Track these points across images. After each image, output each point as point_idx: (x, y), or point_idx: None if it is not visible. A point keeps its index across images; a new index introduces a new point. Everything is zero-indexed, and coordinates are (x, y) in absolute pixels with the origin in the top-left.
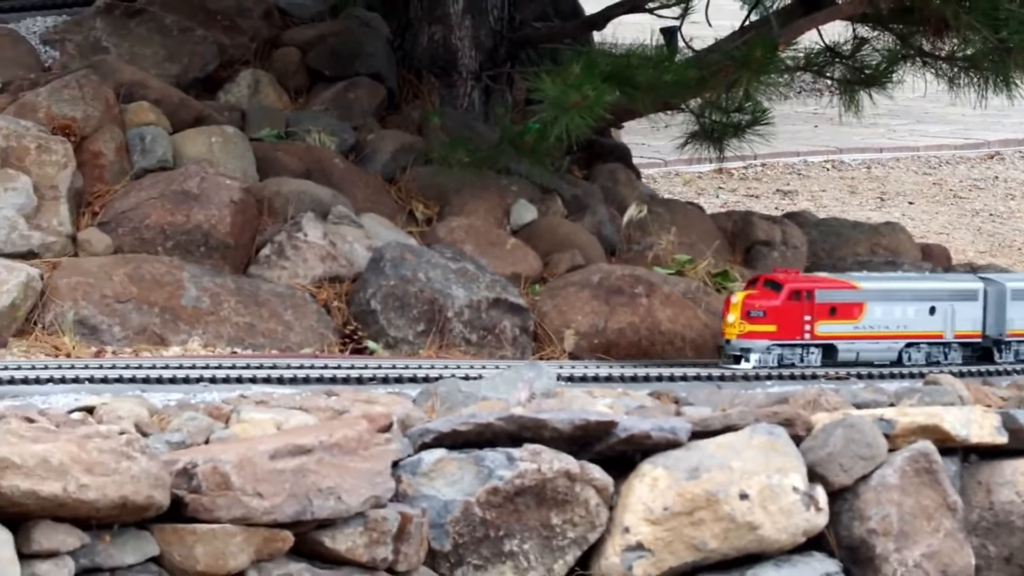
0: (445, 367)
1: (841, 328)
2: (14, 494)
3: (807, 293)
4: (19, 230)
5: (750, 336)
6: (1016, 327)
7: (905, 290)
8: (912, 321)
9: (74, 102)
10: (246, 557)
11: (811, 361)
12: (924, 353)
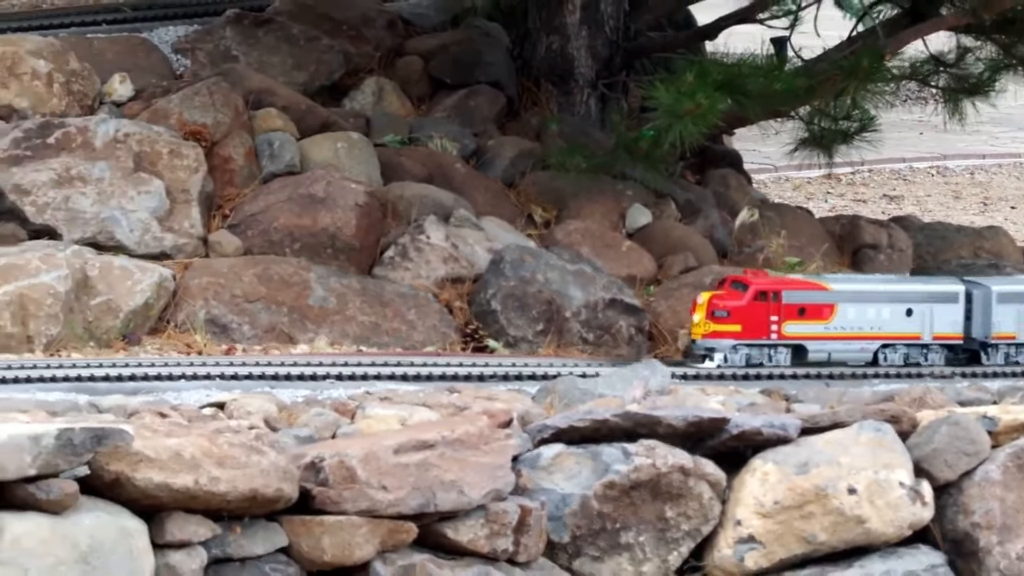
0: (563, 365)
1: (811, 328)
2: (148, 487)
3: (774, 294)
4: (152, 232)
5: (714, 336)
6: (1002, 330)
7: (880, 292)
8: (887, 322)
9: (205, 109)
10: (371, 548)
11: (779, 361)
12: (901, 354)
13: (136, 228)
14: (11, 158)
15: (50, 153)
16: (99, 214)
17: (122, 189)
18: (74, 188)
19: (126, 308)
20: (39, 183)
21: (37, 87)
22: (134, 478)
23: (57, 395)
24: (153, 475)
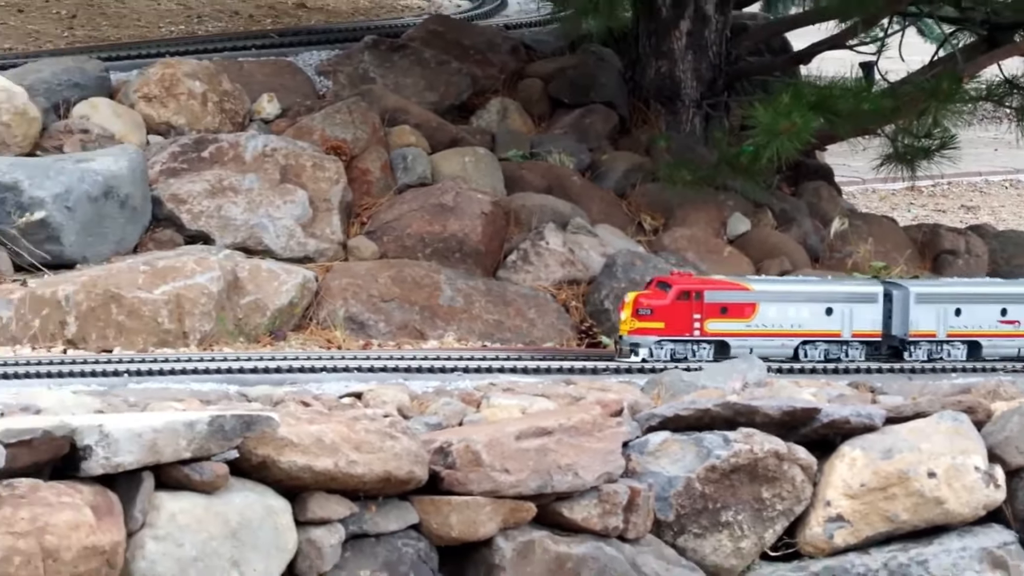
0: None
1: (732, 326)
2: (292, 469)
3: (696, 294)
4: (297, 238)
5: (639, 332)
6: (920, 328)
7: (800, 292)
8: (807, 321)
9: (345, 126)
10: (494, 525)
11: (702, 356)
12: (821, 350)
13: (282, 234)
14: (169, 170)
15: (204, 166)
16: (248, 221)
17: (269, 199)
18: (226, 198)
19: (273, 307)
20: (194, 193)
21: (193, 106)
22: (279, 461)
23: (210, 385)
24: (296, 458)
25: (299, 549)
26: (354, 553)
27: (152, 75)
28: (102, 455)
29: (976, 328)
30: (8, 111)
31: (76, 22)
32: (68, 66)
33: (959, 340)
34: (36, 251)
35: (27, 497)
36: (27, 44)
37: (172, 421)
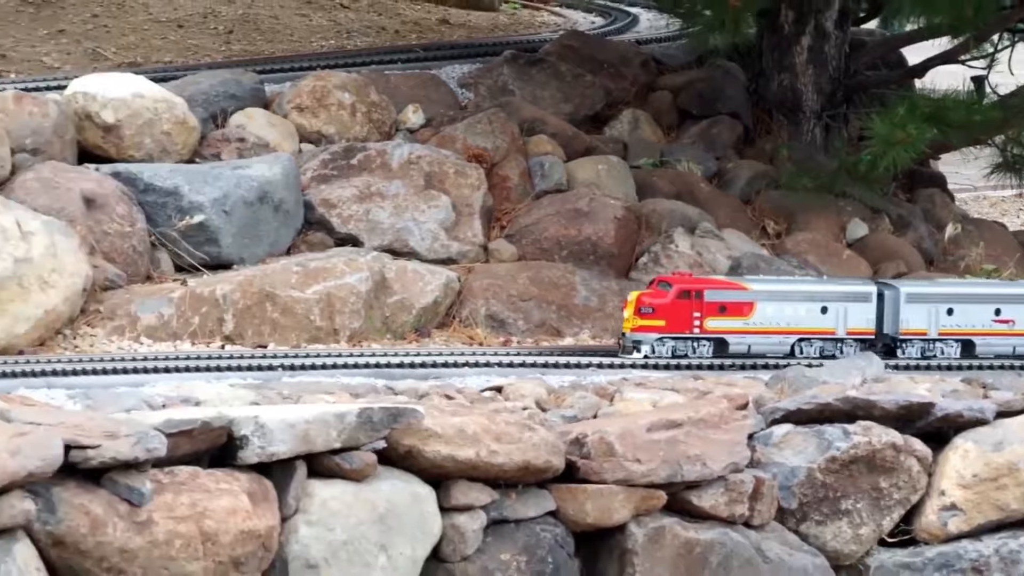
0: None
1: (731, 324)
2: (436, 458)
3: (696, 293)
4: (440, 240)
5: (641, 330)
6: (910, 326)
7: (796, 292)
8: (804, 319)
9: (485, 135)
10: (627, 512)
11: (702, 353)
12: (816, 347)
13: (426, 237)
14: (320, 177)
15: (353, 172)
16: (395, 225)
17: (415, 203)
18: (373, 203)
19: (418, 305)
20: (344, 198)
21: (342, 116)
22: (424, 451)
23: (359, 379)
24: (440, 448)
25: (443, 534)
26: (495, 538)
27: (304, 87)
28: (258, 445)
29: (969, 327)
30: (169, 121)
31: (233, 37)
32: (225, 78)
33: (952, 339)
34: (195, 252)
35: (187, 484)
36: (187, 58)
37: (323, 413)
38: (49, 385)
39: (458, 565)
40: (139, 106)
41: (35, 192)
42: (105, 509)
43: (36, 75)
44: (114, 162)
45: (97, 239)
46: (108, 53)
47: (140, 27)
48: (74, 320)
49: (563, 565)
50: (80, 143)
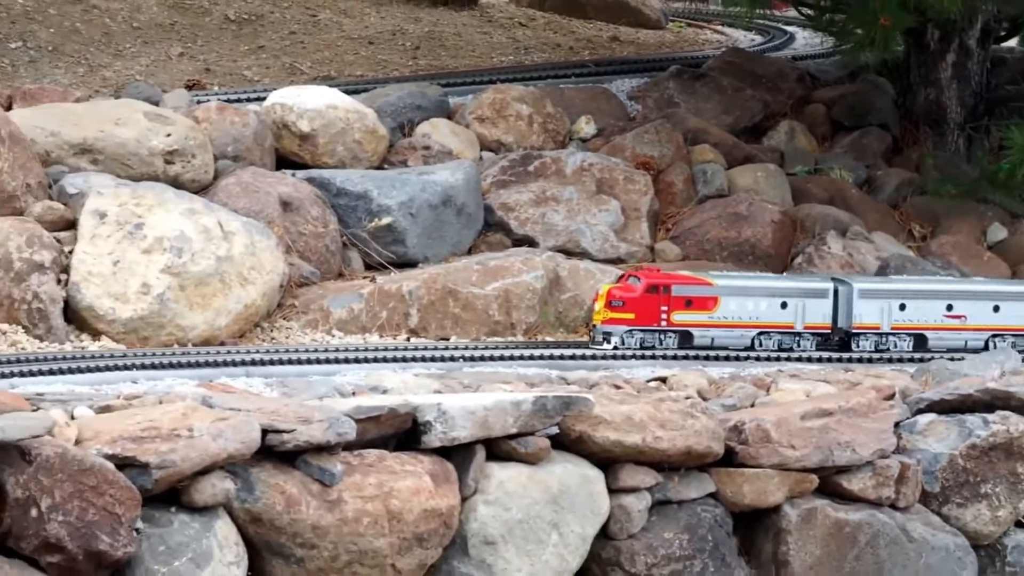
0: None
1: (696, 317)
2: (605, 443)
3: (664, 287)
4: (610, 241)
5: (611, 322)
6: (863, 321)
7: (758, 287)
8: (764, 313)
9: (652, 144)
10: (781, 494)
11: (668, 344)
12: (775, 340)
13: (597, 238)
14: (499, 182)
15: (530, 178)
16: (568, 227)
17: (586, 207)
18: (548, 206)
19: (589, 301)
20: (521, 202)
21: (520, 126)
22: (594, 436)
23: (534, 370)
24: (609, 434)
25: (611, 513)
26: (659, 517)
27: (485, 99)
28: (440, 430)
29: (921, 322)
30: (360, 130)
31: (419, 53)
32: (412, 91)
33: (904, 333)
34: (383, 252)
35: (375, 466)
36: (376, 72)
37: (501, 401)
38: (248, 374)
39: (625, 542)
40: (332, 116)
41: (236, 195)
42: (299, 489)
43: (237, 88)
44: (309, 168)
45: (293, 239)
46: (304, 67)
47: (334, 43)
48: (271, 314)
49: (722, 543)
50: (278, 150)
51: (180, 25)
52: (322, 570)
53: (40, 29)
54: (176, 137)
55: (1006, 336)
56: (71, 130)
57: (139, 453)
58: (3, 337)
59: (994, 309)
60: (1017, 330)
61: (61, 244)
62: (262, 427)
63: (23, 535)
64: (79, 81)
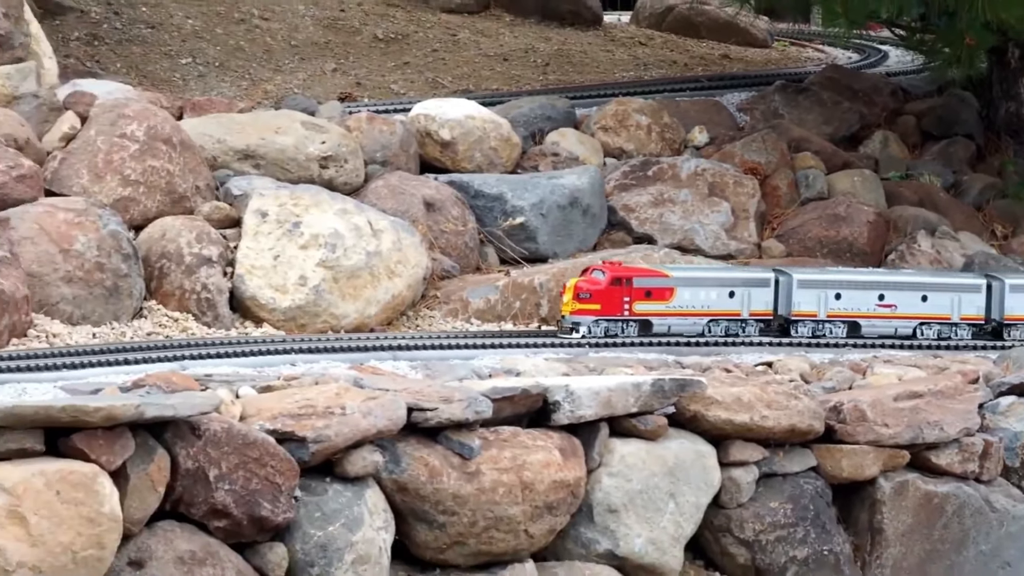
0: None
1: (655, 307)
2: (716, 421)
3: (626, 280)
4: (721, 239)
5: (579, 313)
6: (801, 309)
7: (709, 278)
8: (714, 303)
9: (759, 152)
10: (876, 468)
11: (630, 333)
12: (723, 327)
13: (709, 236)
14: (621, 186)
15: (648, 182)
16: (683, 226)
17: (699, 208)
18: (665, 207)
19: None
20: (640, 203)
21: (640, 135)
22: (706, 415)
23: (653, 355)
24: (720, 413)
25: (722, 485)
26: (765, 488)
27: (608, 111)
28: (568, 408)
29: (855, 310)
30: (496, 138)
31: (549, 69)
32: (542, 103)
33: (839, 320)
34: (516, 248)
35: (509, 441)
36: (510, 86)
37: (623, 382)
38: (395, 358)
39: (735, 511)
40: (471, 126)
41: (384, 197)
42: (441, 461)
43: (385, 100)
44: (450, 172)
45: (435, 236)
46: (445, 82)
47: (472, 60)
48: (415, 304)
49: (822, 511)
50: (421, 156)
51: (333, 43)
52: (461, 535)
53: (208, 47)
54: (330, 144)
55: (932, 324)
56: (236, 137)
57: (297, 428)
58: (175, 324)
59: (922, 299)
60: (943, 318)
61: (227, 240)
62: (408, 406)
63: (193, 502)
64: (243, 93)
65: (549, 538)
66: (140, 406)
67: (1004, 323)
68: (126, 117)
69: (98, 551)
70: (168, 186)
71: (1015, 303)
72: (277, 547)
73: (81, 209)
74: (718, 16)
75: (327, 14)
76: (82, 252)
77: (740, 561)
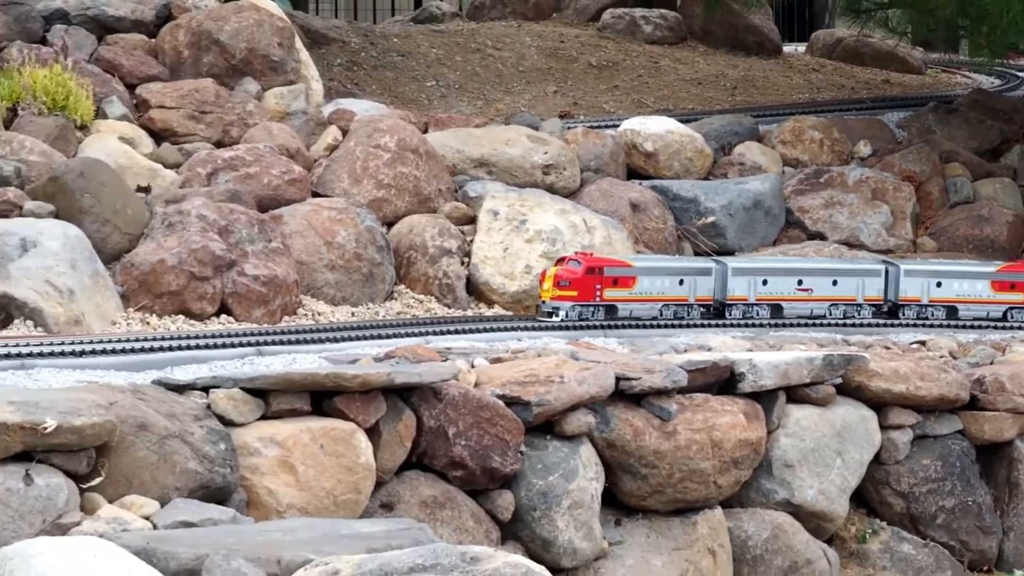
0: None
1: (621, 294)
2: (877, 391)
3: (599, 269)
4: (881, 236)
5: (559, 299)
6: (735, 294)
7: (664, 268)
8: (668, 289)
9: (915, 162)
10: (1014, 432)
11: (599, 317)
12: (673, 311)
13: (872, 234)
14: (797, 190)
15: (820, 188)
16: (850, 225)
17: (864, 210)
18: (834, 209)
19: None
20: (813, 206)
21: (813, 147)
22: (869, 385)
23: (823, 334)
24: (881, 383)
25: (882, 444)
26: (918, 448)
27: (786, 127)
28: (751, 379)
29: (778, 294)
30: (691, 150)
31: (736, 91)
32: (730, 120)
33: (765, 303)
34: (708, 243)
35: (701, 406)
36: (703, 105)
37: (797, 357)
38: (605, 335)
39: (892, 467)
40: (670, 140)
41: (596, 199)
42: (643, 422)
43: (598, 117)
44: (652, 179)
45: (639, 233)
46: (648, 102)
47: (671, 84)
48: None
49: (967, 468)
50: (628, 165)
51: (554, 69)
52: (661, 485)
53: (449, 72)
54: (551, 154)
55: (839, 305)
56: (472, 148)
57: (523, 394)
58: (420, 305)
59: (833, 283)
60: (850, 300)
61: (464, 235)
62: (616, 375)
63: (435, 455)
64: (478, 111)
65: (735, 488)
66: (391, 374)
67: (899, 303)
68: (380, 131)
69: (355, 495)
70: (415, 189)
71: (908, 286)
72: (505, 494)
73: (342, 208)
74: (880, 47)
75: (549, 45)
76: (343, 244)
77: (896, 510)
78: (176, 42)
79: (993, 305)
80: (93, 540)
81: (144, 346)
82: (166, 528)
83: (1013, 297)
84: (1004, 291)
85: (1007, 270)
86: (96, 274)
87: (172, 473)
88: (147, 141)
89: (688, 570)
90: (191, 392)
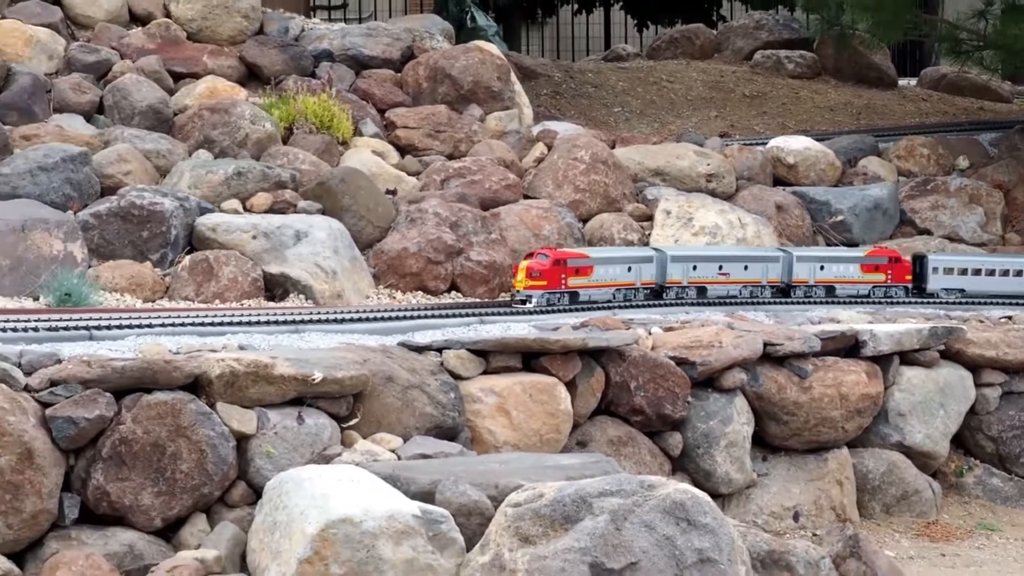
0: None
1: (582, 281)
2: (972, 355)
3: (564, 261)
4: (976, 233)
5: (531, 288)
6: (672, 278)
7: (615, 257)
8: (619, 276)
9: (1005, 173)
10: None
11: (564, 302)
12: (624, 294)
13: (968, 231)
14: (909, 195)
15: (927, 194)
16: (951, 223)
17: (962, 212)
18: (939, 211)
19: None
20: (922, 208)
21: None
22: (966, 351)
23: (930, 309)
24: (975, 350)
25: (976, 399)
26: (1006, 402)
27: (901, 144)
28: (871, 346)
29: (704, 278)
30: (824, 163)
31: (860, 116)
32: (856, 139)
33: (694, 286)
34: (837, 236)
35: (831, 367)
36: (834, 127)
37: (909, 328)
38: (755, 310)
39: (984, 417)
40: (808, 154)
41: (748, 202)
42: (785, 380)
43: (750, 136)
44: (793, 186)
45: (782, 229)
46: (790, 124)
47: (808, 110)
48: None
49: None
50: (774, 175)
51: (715, 98)
52: (799, 429)
53: (632, 100)
54: (713, 166)
55: (748, 286)
56: (650, 160)
57: (689, 355)
58: None
59: (744, 268)
60: (756, 282)
61: (643, 229)
62: (764, 342)
63: (619, 404)
64: (654, 131)
65: (858, 432)
66: (586, 339)
67: (791, 284)
68: (577, 146)
69: (556, 435)
70: (605, 192)
71: (800, 270)
72: (675, 435)
73: (547, 207)
74: (976, 81)
75: (711, 79)
76: (548, 236)
77: (988, 451)
78: (417, 76)
79: (861, 284)
80: (351, 467)
81: (391, 315)
82: (408, 459)
83: (875, 277)
84: (870, 272)
85: (872, 255)
86: (354, 259)
87: (412, 416)
88: (394, 154)
89: (820, 496)
90: (428, 352)
